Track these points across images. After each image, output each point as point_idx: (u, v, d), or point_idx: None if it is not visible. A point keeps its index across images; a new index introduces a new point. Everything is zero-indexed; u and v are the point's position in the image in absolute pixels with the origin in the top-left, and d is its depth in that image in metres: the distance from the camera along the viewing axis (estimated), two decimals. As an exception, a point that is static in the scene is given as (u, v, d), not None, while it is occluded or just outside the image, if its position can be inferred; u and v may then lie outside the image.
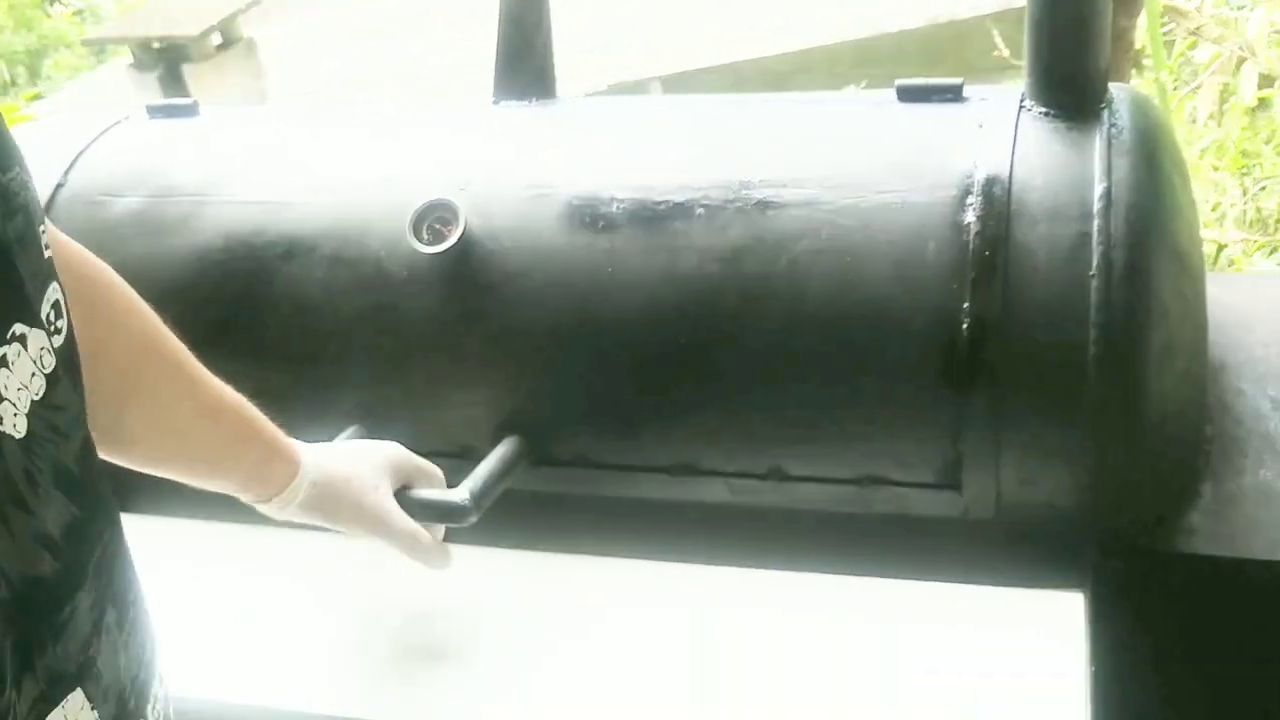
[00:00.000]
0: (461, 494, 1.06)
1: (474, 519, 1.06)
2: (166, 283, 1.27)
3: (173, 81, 4.47)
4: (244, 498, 1.00)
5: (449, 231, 1.17)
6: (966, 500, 1.06)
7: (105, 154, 1.41)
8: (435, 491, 1.07)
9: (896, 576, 1.06)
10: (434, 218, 1.18)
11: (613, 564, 1.14)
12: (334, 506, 1.01)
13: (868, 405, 1.08)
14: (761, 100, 1.28)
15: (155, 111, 1.47)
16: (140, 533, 0.74)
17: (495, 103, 1.37)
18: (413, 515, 1.05)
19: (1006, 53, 3.67)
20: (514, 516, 1.13)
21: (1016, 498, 1.04)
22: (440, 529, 1.07)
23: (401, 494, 1.06)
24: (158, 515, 1.24)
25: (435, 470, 1.10)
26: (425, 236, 1.18)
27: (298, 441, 1.01)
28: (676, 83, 6.44)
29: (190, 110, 1.47)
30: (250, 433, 0.98)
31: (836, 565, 1.08)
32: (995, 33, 3.95)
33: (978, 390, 1.04)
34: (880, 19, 6.86)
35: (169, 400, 0.93)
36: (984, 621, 1.02)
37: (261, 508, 1.00)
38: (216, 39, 4.50)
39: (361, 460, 1.04)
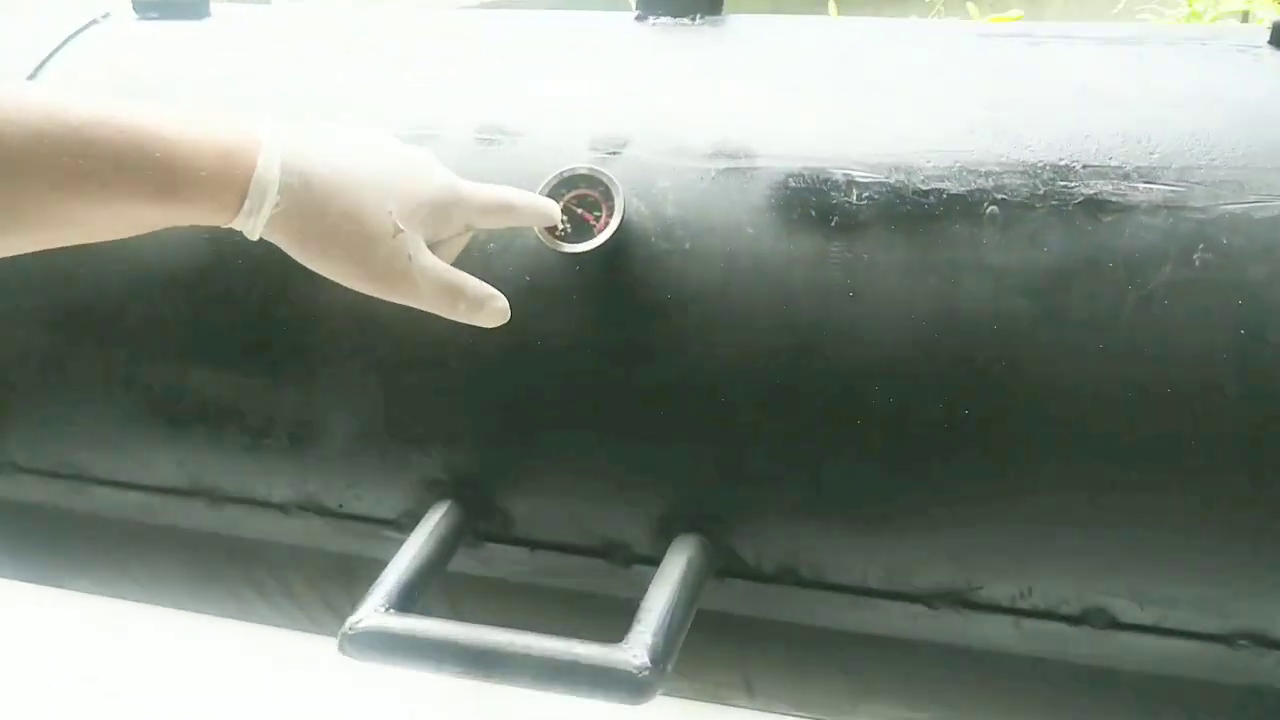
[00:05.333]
0: (636, 653, 0.68)
1: (659, 691, 0.68)
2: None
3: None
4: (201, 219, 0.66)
5: (598, 221, 0.78)
6: None
7: (76, 66, 0.99)
8: (597, 649, 0.68)
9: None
10: (574, 198, 0.78)
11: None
12: (321, 244, 0.67)
13: (1259, 526, 0.70)
14: (1052, 33, 0.87)
15: (146, 8, 1.05)
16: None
17: (640, 19, 0.96)
18: (559, 681, 0.68)
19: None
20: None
21: None
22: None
23: (532, 644, 0.69)
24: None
25: (504, 196, 0.74)
26: (562, 227, 0.78)
27: (264, 131, 0.66)
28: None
29: (196, 9, 1.05)
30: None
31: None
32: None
33: None
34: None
35: None
36: None
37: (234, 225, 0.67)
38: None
39: (371, 181, 0.68)
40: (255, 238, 0.66)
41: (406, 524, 0.84)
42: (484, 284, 0.72)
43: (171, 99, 0.92)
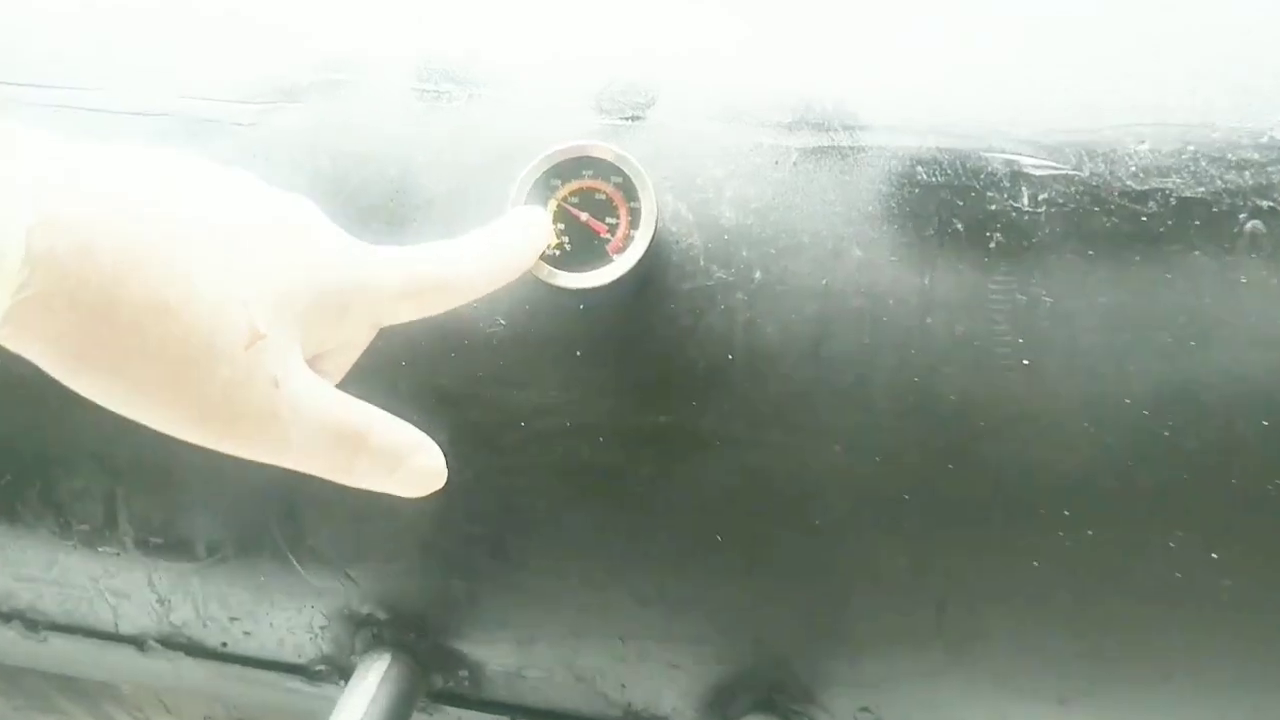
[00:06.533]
0: None
1: None
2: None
3: None
4: None
5: (613, 233, 0.49)
6: None
7: None
8: None
9: None
10: (573, 195, 0.49)
11: None
12: (113, 360, 0.36)
13: None
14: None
15: None
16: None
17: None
18: None
19: None
20: None
21: None
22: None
23: None
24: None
25: (440, 273, 0.43)
26: (556, 243, 0.49)
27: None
28: None
29: None
30: None
31: None
32: None
33: None
34: None
35: None
36: None
37: None
38: None
39: (213, 246, 0.37)
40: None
41: (324, 674, 0.57)
42: (403, 426, 0.42)
43: None
